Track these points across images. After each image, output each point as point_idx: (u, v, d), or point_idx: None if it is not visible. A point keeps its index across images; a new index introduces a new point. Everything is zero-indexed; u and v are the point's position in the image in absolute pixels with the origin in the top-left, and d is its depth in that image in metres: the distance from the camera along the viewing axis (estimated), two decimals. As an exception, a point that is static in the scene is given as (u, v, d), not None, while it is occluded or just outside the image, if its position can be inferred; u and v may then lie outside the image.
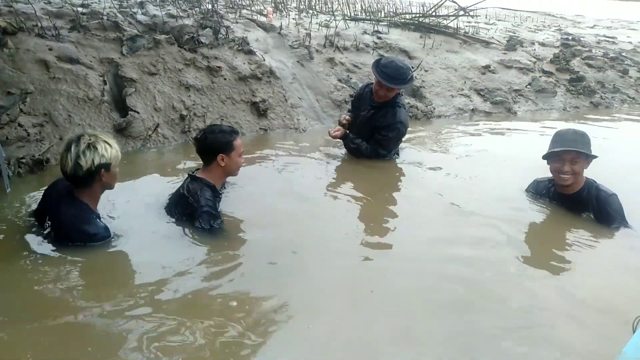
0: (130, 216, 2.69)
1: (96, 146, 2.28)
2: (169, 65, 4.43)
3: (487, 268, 2.43)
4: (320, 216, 2.98)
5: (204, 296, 2.10)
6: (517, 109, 6.03)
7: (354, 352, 1.86)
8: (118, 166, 2.43)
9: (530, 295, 2.23)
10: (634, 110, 6.68)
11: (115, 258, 2.35)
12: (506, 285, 2.30)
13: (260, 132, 4.51)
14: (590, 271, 2.46)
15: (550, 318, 2.08)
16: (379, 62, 3.62)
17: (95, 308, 1.96)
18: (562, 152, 2.80)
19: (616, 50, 8.42)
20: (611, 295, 2.24)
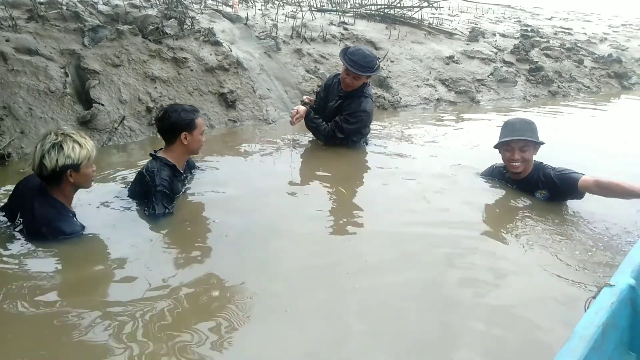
0: (99, 208, 2.66)
1: (62, 146, 2.20)
2: (133, 56, 4.35)
3: (452, 245, 2.52)
4: (291, 202, 3.01)
5: (172, 283, 2.09)
6: (480, 98, 6.22)
7: (333, 333, 1.91)
8: (93, 165, 2.36)
9: (485, 270, 2.34)
10: (590, 97, 7.01)
11: (85, 251, 2.31)
12: (470, 262, 2.41)
13: (229, 123, 4.49)
14: (541, 249, 2.59)
15: (505, 293, 2.20)
16: (346, 50, 3.68)
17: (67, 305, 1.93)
18: (511, 141, 2.96)
19: (572, 41, 8.78)
20: (560, 271, 2.37)
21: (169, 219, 2.60)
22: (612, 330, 1.35)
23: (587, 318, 1.30)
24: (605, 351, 1.31)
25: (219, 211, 2.77)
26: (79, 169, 2.28)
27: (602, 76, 7.80)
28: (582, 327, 1.26)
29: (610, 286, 1.43)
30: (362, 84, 3.71)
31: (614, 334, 1.38)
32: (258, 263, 2.32)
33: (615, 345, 1.42)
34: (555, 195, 2.97)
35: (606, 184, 2.70)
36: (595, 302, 1.38)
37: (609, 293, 1.41)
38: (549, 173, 2.96)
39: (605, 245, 2.58)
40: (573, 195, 2.92)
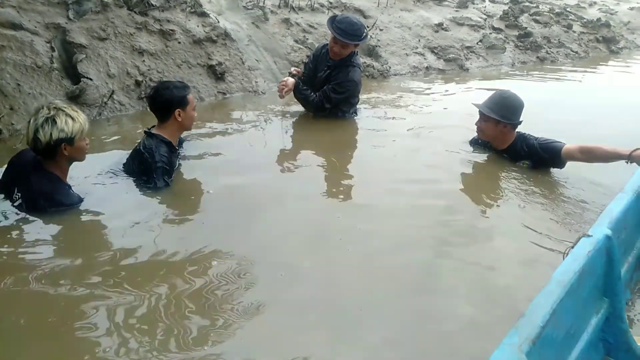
0: (94, 181, 2.69)
1: (55, 120, 2.22)
2: (119, 29, 4.29)
3: (441, 212, 2.61)
4: (283, 174, 3.06)
5: (169, 254, 2.15)
6: (469, 66, 6.23)
7: (326, 298, 1.99)
8: (86, 139, 2.39)
9: (472, 232, 2.44)
10: (578, 62, 7.05)
11: (84, 224, 2.36)
12: (457, 225, 2.50)
13: (219, 95, 4.49)
14: (525, 207, 2.69)
15: (492, 250, 2.30)
16: (334, 18, 3.67)
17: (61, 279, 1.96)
18: (477, 107, 3.08)
19: (561, 6, 8.74)
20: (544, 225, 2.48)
21: (166, 192, 2.64)
22: (587, 277, 1.44)
23: (565, 265, 1.38)
24: (580, 296, 1.40)
25: (212, 183, 2.81)
26: (73, 142, 2.30)
27: (591, 41, 7.82)
28: (559, 274, 1.34)
29: (588, 236, 1.51)
30: (351, 53, 3.72)
31: (589, 281, 1.47)
32: (253, 233, 2.38)
33: (590, 291, 1.52)
34: (538, 165, 3.05)
35: (589, 148, 2.79)
36: (573, 251, 1.45)
37: (587, 242, 1.48)
38: (532, 143, 3.02)
39: (588, 205, 2.68)
40: (556, 164, 3.00)
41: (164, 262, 2.09)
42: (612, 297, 1.64)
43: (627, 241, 1.99)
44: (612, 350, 1.67)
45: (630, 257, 2.05)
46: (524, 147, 3.05)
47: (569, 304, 1.32)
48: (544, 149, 2.97)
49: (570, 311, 1.35)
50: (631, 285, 2.13)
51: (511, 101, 3.03)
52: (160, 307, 1.82)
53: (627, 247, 2.03)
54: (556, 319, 1.22)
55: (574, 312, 1.41)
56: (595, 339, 1.62)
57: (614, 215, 1.70)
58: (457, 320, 1.88)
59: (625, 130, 3.85)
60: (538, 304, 1.22)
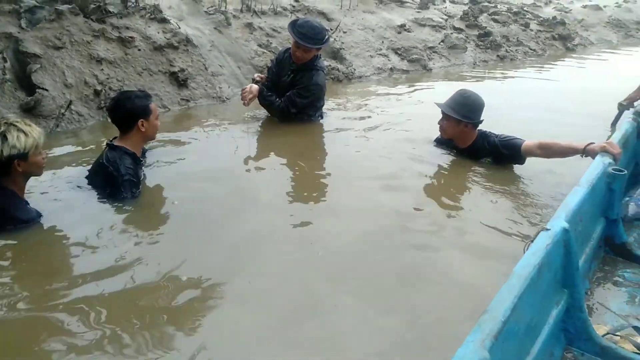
0: (54, 196, 2.60)
1: (6, 136, 2.15)
2: (75, 37, 4.16)
3: (407, 211, 2.65)
4: (250, 180, 3.03)
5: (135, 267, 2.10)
6: (432, 66, 6.34)
7: (297, 303, 1.98)
8: (42, 152, 2.31)
9: (438, 230, 2.48)
10: (536, 60, 7.27)
11: (45, 240, 2.28)
12: (424, 223, 2.53)
13: (182, 103, 4.42)
14: (487, 204, 2.75)
15: (458, 246, 2.35)
16: (295, 22, 3.67)
17: (24, 296, 1.90)
18: (439, 106, 3.15)
19: (518, 5, 9.01)
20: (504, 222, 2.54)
21: (131, 204, 2.58)
22: (547, 270, 1.48)
23: (525, 259, 1.41)
24: (540, 288, 1.44)
25: (177, 192, 2.75)
26: (27, 157, 2.22)
27: (547, 39, 8.09)
28: (520, 268, 1.37)
29: (547, 230, 1.56)
30: (314, 56, 3.72)
31: (548, 273, 1.51)
32: (221, 242, 2.34)
33: (550, 283, 1.56)
34: (500, 162, 3.13)
35: (547, 144, 2.88)
36: (533, 245, 1.50)
37: (545, 236, 1.53)
38: (492, 141, 3.10)
39: (549, 197, 2.76)
40: (516, 160, 3.08)
41: (130, 276, 2.03)
42: (571, 288, 1.69)
43: (584, 233, 2.06)
44: (574, 339, 1.72)
45: (588, 248, 2.12)
46: (486, 144, 3.12)
47: (530, 297, 1.35)
48: (505, 146, 3.05)
49: (531, 304, 1.39)
50: (589, 275, 2.20)
51: (472, 101, 3.10)
52: (127, 322, 1.78)
53: (584, 238, 2.10)
54: (517, 312, 1.25)
55: (535, 305, 1.45)
56: (557, 330, 1.66)
57: (570, 208, 1.76)
58: (427, 317, 1.90)
59: (579, 124, 4.00)
60: (499, 299, 1.25)
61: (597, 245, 2.26)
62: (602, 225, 2.31)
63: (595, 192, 2.05)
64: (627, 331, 1.79)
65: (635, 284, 2.19)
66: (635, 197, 2.54)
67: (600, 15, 9.77)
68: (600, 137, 2.95)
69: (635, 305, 2.07)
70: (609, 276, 2.25)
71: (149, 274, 2.05)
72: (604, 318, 1.97)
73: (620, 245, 2.34)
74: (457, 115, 3.05)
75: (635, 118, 2.79)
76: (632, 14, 10.44)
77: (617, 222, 2.34)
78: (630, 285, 2.18)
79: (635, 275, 2.24)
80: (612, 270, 2.28)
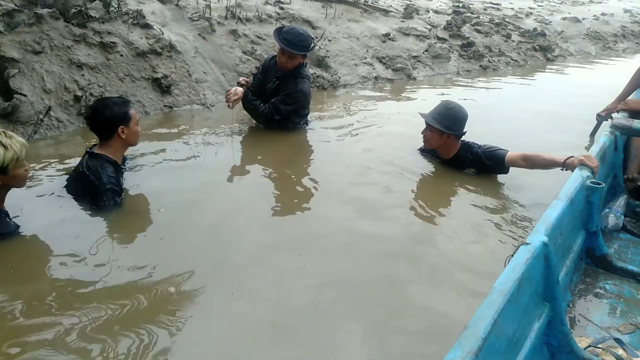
0: (32, 206, 2.53)
1: None
2: (55, 42, 4.08)
3: (393, 222, 2.64)
4: (234, 188, 3.00)
5: (116, 276, 2.07)
6: (417, 75, 6.39)
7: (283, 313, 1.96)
8: (25, 164, 2.25)
9: (422, 240, 2.49)
10: (517, 70, 7.39)
11: (21, 252, 2.22)
12: (408, 234, 2.53)
13: (165, 109, 4.36)
14: (470, 213, 2.77)
15: (441, 255, 2.35)
16: (280, 29, 3.67)
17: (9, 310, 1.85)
18: (423, 117, 3.17)
19: (500, 16, 9.17)
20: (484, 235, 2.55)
21: (114, 212, 2.53)
22: (527, 284, 1.48)
23: (505, 274, 1.42)
24: (521, 303, 1.45)
25: (160, 200, 2.72)
26: (7, 171, 2.16)
27: (529, 49, 8.23)
28: (500, 283, 1.37)
29: (527, 244, 1.57)
30: (299, 64, 3.71)
31: (529, 287, 1.52)
32: (205, 249, 2.32)
33: (531, 297, 1.56)
34: (483, 172, 3.16)
35: (530, 156, 2.92)
36: (513, 259, 1.50)
37: (525, 250, 1.54)
38: (476, 152, 3.13)
39: (530, 210, 2.78)
40: (500, 170, 3.11)
41: (112, 284, 2.01)
42: (552, 301, 1.70)
43: (564, 245, 2.08)
44: (556, 353, 1.73)
45: (568, 260, 2.14)
46: (469, 155, 3.14)
47: (511, 312, 1.35)
48: (488, 157, 3.07)
49: (512, 319, 1.39)
50: (571, 287, 2.22)
51: (455, 112, 3.12)
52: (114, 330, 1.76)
53: (565, 251, 2.12)
54: (498, 328, 1.25)
55: (516, 319, 1.45)
56: (539, 343, 1.66)
57: (549, 222, 1.77)
58: (408, 332, 1.89)
59: (561, 134, 4.07)
60: (480, 315, 1.25)
61: (578, 258, 2.28)
62: (583, 238, 2.34)
63: (574, 205, 2.08)
64: (608, 343, 1.81)
65: (616, 296, 2.22)
66: (614, 208, 2.58)
67: (579, 28, 10.00)
68: (579, 147, 3.00)
69: (617, 317, 2.09)
70: (590, 288, 2.27)
71: (131, 281, 2.02)
72: (586, 330, 1.99)
73: (601, 257, 2.36)
74: (440, 127, 3.07)
75: (613, 131, 2.84)
76: (610, 27, 10.70)
77: (597, 234, 2.36)
78: (611, 296, 2.21)
79: (616, 286, 2.27)
80: (593, 282, 2.31)
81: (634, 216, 2.73)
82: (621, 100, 3.62)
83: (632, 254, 2.50)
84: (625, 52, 9.94)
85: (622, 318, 2.08)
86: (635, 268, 2.32)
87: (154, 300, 1.94)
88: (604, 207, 2.60)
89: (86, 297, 1.93)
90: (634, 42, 10.60)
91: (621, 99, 3.67)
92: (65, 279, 2.05)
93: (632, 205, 2.86)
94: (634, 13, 12.38)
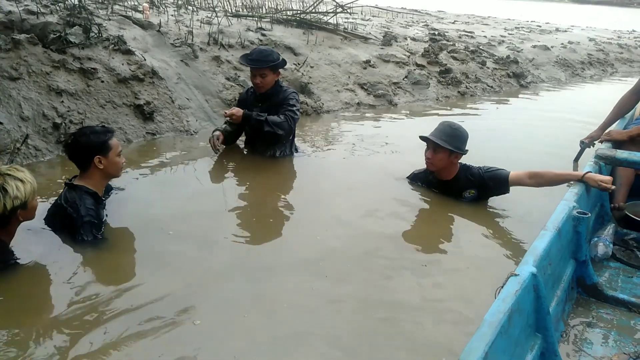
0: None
1: (6, 188, 2.05)
2: (33, 68, 3.98)
3: (385, 252, 2.62)
4: (220, 218, 2.93)
5: (95, 311, 2.00)
6: (398, 101, 6.49)
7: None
8: (35, 197, 2.23)
9: (415, 268, 2.46)
10: (493, 96, 7.58)
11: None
12: (400, 263, 2.51)
13: (148, 136, 4.28)
14: (471, 242, 2.78)
15: (434, 283, 2.34)
16: (245, 54, 3.73)
17: None
18: (425, 139, 3.10)
19: (475, 44, 9.45)
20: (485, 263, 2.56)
21: (94, 246, 2.44)
22: (517, 316, 1.48)
23: (495, 306, 1.42)
24: (512, 334, 1.44)
25: (146, 232, 2.65)
26: (27, 206, 2.14)
27: (503, 76, 8.47)
28: (490, 315, 1.37)
29: (515, 275, 1.57)
30: (275, 81, 3.68)
31: (519, 319, 1.51)
32: (197, 280, 2.27)
33: (522, 328, 1.56)
34: (484, 193, 3.14)
35: (539, 173, 2.93)
36: (503, 291, 1.50)
37: (514, 282, 1.54)
38: (476, 172, 3.12)
39: (523, 237, 2.81)
40: (502, 190, 3.10)
41: (92, 318, 1.93)
42: (544, 332, 1.70)
43: (554, 275, 2.09)
44: None
45: (559, 290, 2.14)
46: (469, 176, 3.13)
47: (502, 344, 1.34)
48: (490, 178, 3.07)
49: (503, 351, 1.38)
50: (564, 317, 2.22)
51: (461, 132, 3.11)
52: None
53: (555, 281, 2.13)
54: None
55: (508, 352, 1.44)
56: (532, 376, 1.65)
57: (538, 252, 1.79)
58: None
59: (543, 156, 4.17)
60: (470, 347, 1.24)
61: (568, 287, 2.29)
62: (573, 267, 2.36)
63: (562, 235, 2.10)
64: (602, 374, 1.80)
65: (608, 325, 2.23)
66: (603, 237, 2.62)
67: (549, 55, 10.38)
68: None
69: (609, 347, 2.10)
70: (582, 317, 2.28)
71: (122, 311, 1.95)
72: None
73: (592, 286, 2.38)
74: (450, 147, 3.02)
75: (597, 161, 2.91)
76: (577, 54, 11.16)
77: (586, 263, 2.39)
78: (603, 326, 2.22)
79: (608, 315, 2.29)
80: (585, 312, 2.32)
81: (622, 244, 2.77)
82: (604, 129, 3.72)
83: (622, 282, 2.53)
84: (592, 78, 10.35)
85: (615, 347, 2.09)
86: (625, 296, 2.34)
87: (137, 333, 1.86)
88: (592, 236, 2.65)
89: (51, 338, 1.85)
90: (600, 69, 11.05)
91: (604, 127, 3.76)
92: (50, 322, 1.95)
93: (621, 233, 2.91)
94: (598, 42, 12.96)
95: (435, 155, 3.07)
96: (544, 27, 14.79)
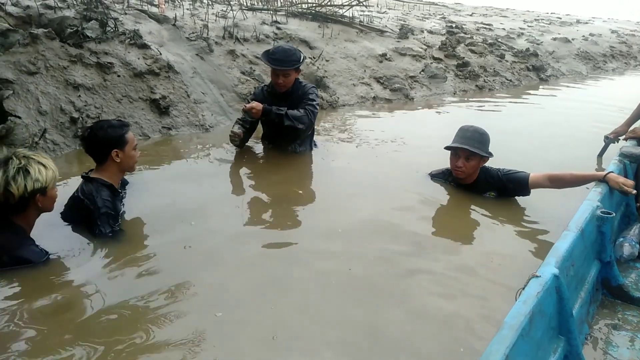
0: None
1: (28, 170, 2.08)
2: (51, 62, 4.01)
3: (403, 243, 2.59)
4: (235, 215, 2.91)
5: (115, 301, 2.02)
6: (414, 95, 6.40)
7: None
8: (56, 187, 2.25)
9: (436, 266, 2.42)
10: (512, 90, 7.44)
11: (44, 279, 2.15)
12: (420, 258, 2.46)
13: (164, 131, 4.28)
14: (487, 243, 2.72)
15: (455, 282, 2.29)
16: (267, 52, 3.63)
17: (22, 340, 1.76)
18: (457, 148, 3.00)
19: (493, 37, 9.27)
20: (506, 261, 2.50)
21: (110, 238, 2.44)
22: (539, 318, 1.44)
23: (516, 308, 1.39)
24: (533, 337, 1.40)
25: (162, 228, 2.64)
26: (46, 192, 2.16)
27: (522, 69, 8.30)
28: (511, 317, 1.34)
29: (537, 277, 1.53)
30: (295, 80, 3.65)
31: (542, 321, 1.47)
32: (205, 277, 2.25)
33: (545, 331, 1.52)
34: (504, 195, 3.09)
35: (558, 176, 2.86)
36: (524, 293, 1.47)
37: (536, 283, 1.51)
38: (495, 174, 3.06)
39: (547, 237, 2.74)
40: (522, 192, 3.05)
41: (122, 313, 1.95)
42: (567, 335, 1.66)
43: (578, 277, 2.03)
44: None
45: (583, 292, 2.08)
46: (488, 179, 3.08)
47: (523, 347, 1.31)
48: (510, 180, 3.01)
49: (525, 354, 1.34)
50: (588, 319, 2.16)
51: (487, 135, 3.05)
52: None
53: (579, 282, 2.06)
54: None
55: (530, 355, 1.40)
56: (555, 379, 1.60)
57: (560, 253, 1.73)
58: None
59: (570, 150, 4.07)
60: (490, 351, 1.21)
61: (593, 289, 2.22)
62: (597, 268, 2.29)
63: (586, 235, 2.05)
64: (630, 379, 1.74)
65: (635, 327, 2.16)
66: (629, 237, 2.53)
67: (570, 48, 10.14)
68: (590, 168, 2.96)
69: (636, 350, 2.03)
70: (608, 320, 2.21)
71: (133, 308, 1.94)
72: (605, 365, 1.93)
73: (617, 287, 2.31)
74: (484, 152, 2.98)
75: (621, 160, 2.82)
76: (599, 47, 10.88)
77: (611, 264, 2.32)
78: (630, 328, 2.15)
79: (634, 317, 2.22)
80: (611, 314, 2.25)
81: (649, 245, 2.67)
82: (629, 124, 3.61)
83: None
84: (614, 71, 10.09)
85: (642, 350, 2.03)
86: None
87: (153, 332, 1.85)
88: (618, 236, 2.56)
89: (94, 328, 1.86)
90: (623, 62, 10.78)
91: (629, 123, 3.66)
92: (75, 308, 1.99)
93: (647, 233, 2.81)
94: (620, 34, 12.63)
95: (468, 163, 2.99)
96: (565, 19, 14.46)
